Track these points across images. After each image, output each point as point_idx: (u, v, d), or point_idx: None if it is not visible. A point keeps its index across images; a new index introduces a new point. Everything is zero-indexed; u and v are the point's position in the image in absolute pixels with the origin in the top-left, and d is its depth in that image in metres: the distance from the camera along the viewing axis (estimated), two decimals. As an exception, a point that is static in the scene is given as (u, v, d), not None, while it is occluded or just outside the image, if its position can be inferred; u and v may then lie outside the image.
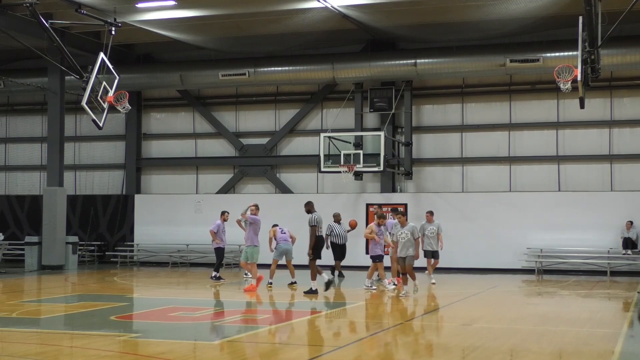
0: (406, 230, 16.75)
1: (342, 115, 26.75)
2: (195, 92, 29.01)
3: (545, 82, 24.45)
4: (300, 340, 11.85)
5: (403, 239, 16.70)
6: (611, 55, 22.21)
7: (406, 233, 16.71)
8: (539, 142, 25.55)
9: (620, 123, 24.93)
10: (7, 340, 11.43)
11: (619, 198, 24.26)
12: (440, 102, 26.68)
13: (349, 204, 25.67)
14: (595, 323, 13.58)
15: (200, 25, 24.32)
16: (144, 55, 28.91)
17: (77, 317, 14.21)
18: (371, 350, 10.95)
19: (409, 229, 16.77)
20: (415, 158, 26.35)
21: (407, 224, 16.98)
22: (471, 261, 24.97)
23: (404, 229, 16.82)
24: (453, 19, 23.46)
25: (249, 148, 28.25)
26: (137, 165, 29.40)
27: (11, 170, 31.34)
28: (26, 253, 25.83)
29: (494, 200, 25.05)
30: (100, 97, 20.02)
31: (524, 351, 10.82)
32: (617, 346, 10.95)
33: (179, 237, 27.50)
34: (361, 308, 16.05)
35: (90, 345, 10.79)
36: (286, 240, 19.28)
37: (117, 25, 20.61)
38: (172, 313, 14.43)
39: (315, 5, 21.83)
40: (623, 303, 17.14)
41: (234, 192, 28.39)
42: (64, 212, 25.67)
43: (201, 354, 10.53)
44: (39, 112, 30.49)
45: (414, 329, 13.19)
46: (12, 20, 22.47)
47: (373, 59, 25.52)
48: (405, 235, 16.70)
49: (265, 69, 26.49)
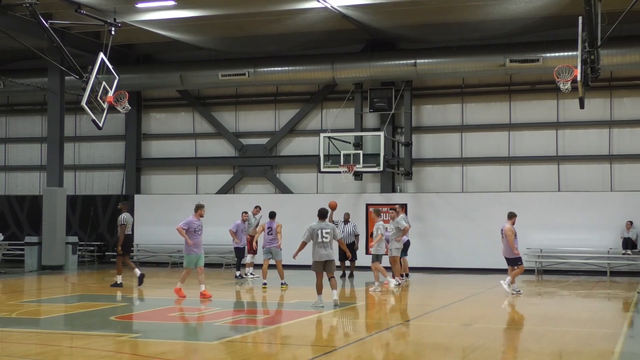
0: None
1: (342, 116, 26.75)
2: (195, 92, 29.01)
3: (545, 82, 24.45)
4: (300, 340, 11.84)
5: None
6: (611, 55, 22.21)
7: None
8: (538, 142, 25.54)
9: (620, 123, 24.93)
10: (7, 340, 11.43)
11: (618, 198, 24.26)
12: (440, 102, 26.68)
13: (349, 204, 25.63)
14: (595, 323, 13.58)
15: (200, 26, 24.31)
16: (143, 56, 28.91)
17: (77, 317, 14.21)
18: (371, 351, 10.95)
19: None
20: (415, 158, 26.35)
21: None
22: (471, 261, 24.96)
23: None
24: (453, 19, 23.47)
25: (249, 148, 28.25)
26: (137, 166, 29.40)
27: (11, 171, 31.33)
28: (26, 253, 25.83)
29: (494, 200, 25.04)
30: (100, 97, 20.02)
31: (524, 351, 10.82)
32: (617, 346, 10.96)
33: (179, 237, 27.18)
34: (361, 308, 16.05)
35: (90, 346, 10.79)
36: (271, 242, 19.00)
37: (117, 26, 20.61)
38: (172, 313, 14.43)
39: (315, 6, 21.83)
40: (623, 303, 17.14)
41: (234, 193, 28.39)
42: (63, 212, 25.66)
43: (201, 354, 10.53)
44: (39, 112, 30.49)
45: (414, 329, 13.19)
46: (12, 21, 22.47)
47: (373, 59, 25.51)
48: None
49: (265, 69, 26.48)
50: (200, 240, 16.88)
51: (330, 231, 14.96)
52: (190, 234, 16.65)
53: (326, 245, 14.91)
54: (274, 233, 19.03)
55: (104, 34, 21.05)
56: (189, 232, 16.65)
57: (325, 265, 14.95)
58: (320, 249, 14.86)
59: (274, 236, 19.00)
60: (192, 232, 16.69)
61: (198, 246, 16.75)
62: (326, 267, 14.99)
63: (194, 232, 16.70)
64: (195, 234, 16.73)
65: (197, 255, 16.75)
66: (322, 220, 15.01)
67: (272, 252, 18.99)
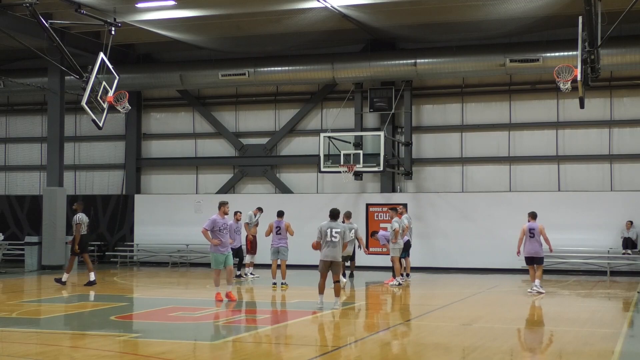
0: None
1: (342, 115, 26.74)
2: (195, 92, 29.01)
3: (545, 82, 24.45)
4: (300, 340, 11.84)
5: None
6: (611, 55, 22.21)
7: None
8: (538, 142, 25.54)
9: (620, 123, 24.92)
10: (7, 340, 11.43)
11: (618, 198, 24.25)
12: (440, 102, 26.68)
13: (349, 204, 25.59)
14: (595, 323, 13.58)
15: (200, 25, 24.31)
16: (143, 55, 28.91)
17: (77, 317, 14.22)
18: (371, 350, 10.95)
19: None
20: (415, 158, 26.35)
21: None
22: (471, 261, 24.97)
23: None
24: (453, 19, 23.46)
25: (249, 148, 28.25)
26: (137, 165, 29.40)
27: (11, 170, 31.33)
28: (26, 253, 25.82)
29: (494, 200, 25.05)
30: (100, 97, 20.01)
31: (524, 351, 10.82)
32: (617, 346, 10.96)
33: (178, 237, 27.49)
34: (361, 308, 16.05)
35: (90, 345, 10.79)
36: (279, 241, 19.00)
37: (116, 25, 20.61)
38: (172, 313, 14.43)
39: (315, 5, 21.83)
40: (623, 303, 17.14)
41: (234, 192, 28.38)
42: (63, 212, 25.65)
43: (201, 354, 10.53)
44: (39, 112, 30.48)
45: (414, 329, 13.19)
46: (12, 20, 22.46)
47: (373, 59, 25.51)
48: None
49: (265, 69, 26.48)
50: (227, 239, 16.13)
51: (340, 231, 14.71)
52: (215, 234, 15.85)
53: (335, 245, 14.61)
54: (282, 232, 18.98)
55: (104, 34, 21.04)
56: (213, 231, 15.82)
57: (331, 266, 14.69)
58: (328, 248, 14.62)
59: (283, 235, 18.98)
60: (217, 231, 15.89)
61: (225, 245, 16.01)
62: (332, 268, 14.72)
63: (219, 231, 15.90)
64: (221, 233, 15.94)
65: (224, 254, 15.99)
66: (334, 220, 14.85)
67: (280, 251, 18.96)
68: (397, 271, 19.78)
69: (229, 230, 16.35)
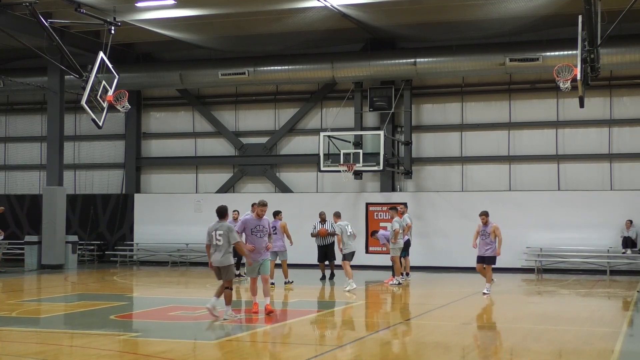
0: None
1: (341, 115, 26.74)
2: (195, 91, 29.00)
3: (545, 81, 24.44)
4: (300, 339, 11.85)
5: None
6: (611, 54, 22.20)
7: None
8: (538, 141, 25.54)
9: (620, 122, 24.92)
10: (7, 339, 11.43)
11: (618, 197, 24.25)
12: (440, 101, 26.67)
13: (349, 203, 25.65)
14: (595, 322, 13.59)
15: (200, 25, 24.31)
16: (143, 55, 28.90)
17: (76, 317, 14.22)
18: (371, 350, 10.95)
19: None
20: (415, 157, 26.34)
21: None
22: (471, 260, 24.86)
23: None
24: (453, 18, 23.45)
25: (249, 147, 28.25)
26: (136, 165, 29.39)
27: (11, 170, 31.32)
28: (26, 252, 25.84)
29: (494, 199, 25.00)
30: (100, 96, 20.02)
31: (524, 350, 10.82)
32: (616, 345, 10.96)
33: (178, 237, 27.49)
34: (361, 307, 16.05)
35: (90, 345, 10.79)
36: (275, 242, 18.40)
37: (116, 25, 20.61)
38: (172, 312, 14.43)
39: (315, 5, 21.83)
40: (623, 302, 17.15)
41: (234, 192, 28.38)
42: (63, 212, 25.67)
43: (201, 354, 10.53)
44: (39, 112, 30.47)
45: (413, 328, 13.19)
46: (12, 20, 22.46)
47: (373, 58, 25.51)
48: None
49: (265, 68, 26.48)
50: (261, 244, 13.76)
51: (223, 233, 13.13)
52: (247, 238, 13.73)
53: (220, 249, 13.11)
54: (278, 233, 18.54)
55: (104, 33, 21.04)
56: (244, 234, 13.74)
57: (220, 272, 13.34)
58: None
59: (279, 235, 18.58)
60: (249, 234, 13.72)
61: (259, 251, 13.70)
62: (222, 274, 13.34)
63: (251, 234, 13.71)
64: (254, 236, 13.71)
65: (257, 262, 13.77)
66: (221, 220, 13.31)
67: (278, 254, 18.75)
68: (397, 270, 19.78)
69: (265, 233, 13.84)
